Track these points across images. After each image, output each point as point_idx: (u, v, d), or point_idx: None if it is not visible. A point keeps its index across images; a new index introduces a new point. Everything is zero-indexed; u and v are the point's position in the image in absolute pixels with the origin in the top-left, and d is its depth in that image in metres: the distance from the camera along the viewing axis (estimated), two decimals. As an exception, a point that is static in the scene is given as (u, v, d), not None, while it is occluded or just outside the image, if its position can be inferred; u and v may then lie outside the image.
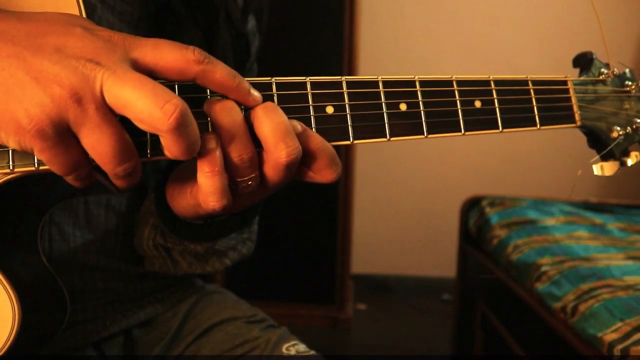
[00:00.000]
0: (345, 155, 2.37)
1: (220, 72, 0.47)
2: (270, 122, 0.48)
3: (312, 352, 0.78)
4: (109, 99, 0.42)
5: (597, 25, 0.67)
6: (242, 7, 0.79)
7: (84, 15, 0.50)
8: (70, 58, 0.42)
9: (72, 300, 0.57)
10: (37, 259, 0.56)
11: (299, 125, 0.51)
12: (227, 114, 0.48)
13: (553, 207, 1.95)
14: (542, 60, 2.80)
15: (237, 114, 0.49)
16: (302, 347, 0.79)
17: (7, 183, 0.48)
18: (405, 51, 2.88)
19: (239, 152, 0.49)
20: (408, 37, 2.88)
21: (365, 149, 2.80)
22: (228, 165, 0.49)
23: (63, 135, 0.42)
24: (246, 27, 0.81)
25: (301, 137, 0.50)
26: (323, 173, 0.53)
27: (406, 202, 3.04)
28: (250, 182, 0.51)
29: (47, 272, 0.56)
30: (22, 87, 0.41)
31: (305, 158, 0.51)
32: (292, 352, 0.78)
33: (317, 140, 0.51)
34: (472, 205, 2.02)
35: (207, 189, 0.49)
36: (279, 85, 0.53)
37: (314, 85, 0.54)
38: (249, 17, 0.82)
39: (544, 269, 1.48)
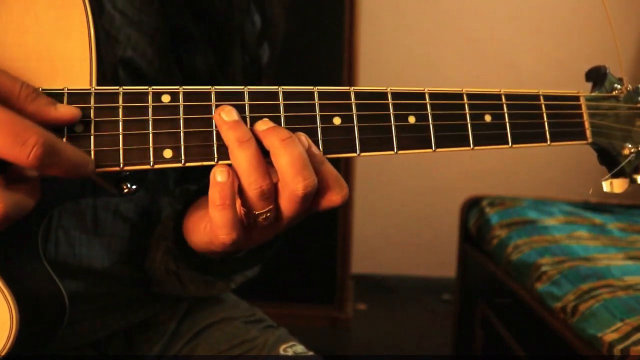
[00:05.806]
0: (345, 155, 2.36)
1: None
2: (289, 156, 0.48)
3: (311, 353, 0.78)
4: None
5: (597, 24, 0.67)
6: (259, 32, 0.78)
7: (89, 16, 0.50)
8: None
9: (73, 304, 0.57)
10: (37, 261, 0.55)
11: (305, 140, 0.50)
12: (246, 147, 0.48)
13: (553, 207, 1.95)
14: (542, 61, 2.80)
15: (254, 146, 0.48)
16: (300, 348, 0.79)
17: None
18: (405, 51, 2.87)
19: (258, 184, 0.48)
20: (408, 37, 2.88)
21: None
22: (246, 199, 0.49)
23: None
24: (260, 53, 0.79)
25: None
26: (327, 196, 0.52)
27: (406, 202, 3.04)
28: (268, 214, 0.50)
29: (48, 276, 0.56)
30: None
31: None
32: (290, 353, 0.77)
33: (316, 160, 0.50)
34: (472, 205, 2.02)
35: (217, 222, 0.49)
36: (286, 95, 0.52)
37: (322, 95, 0.53)
38: (264, 47, 0.80)
39: (544, 269, 1.47)
